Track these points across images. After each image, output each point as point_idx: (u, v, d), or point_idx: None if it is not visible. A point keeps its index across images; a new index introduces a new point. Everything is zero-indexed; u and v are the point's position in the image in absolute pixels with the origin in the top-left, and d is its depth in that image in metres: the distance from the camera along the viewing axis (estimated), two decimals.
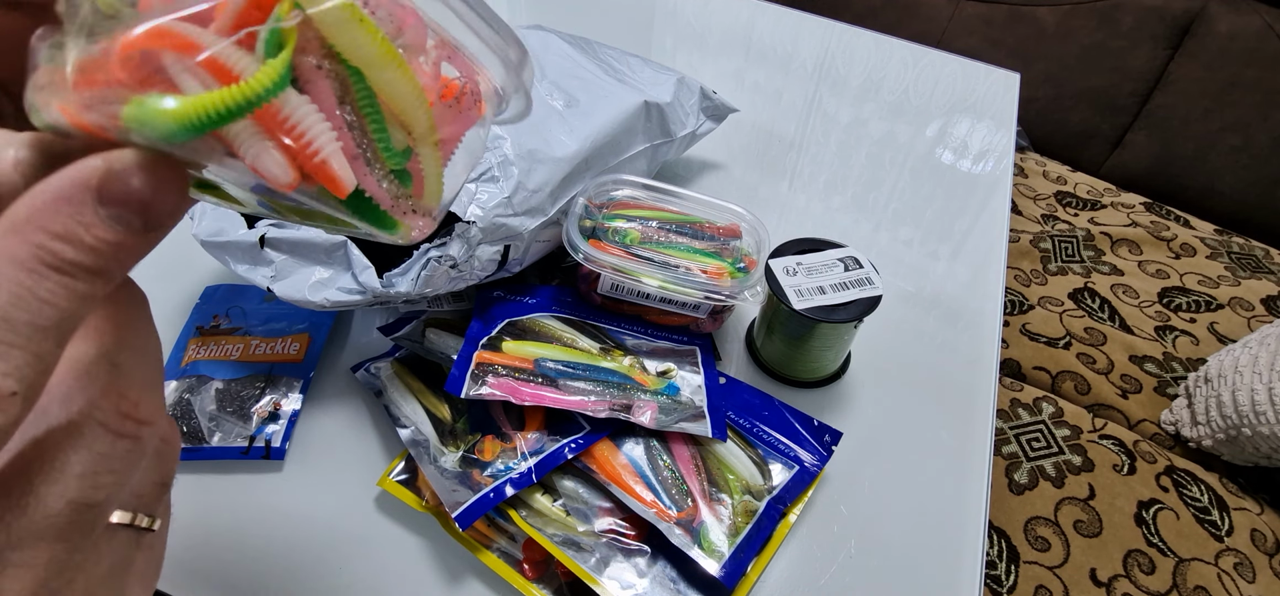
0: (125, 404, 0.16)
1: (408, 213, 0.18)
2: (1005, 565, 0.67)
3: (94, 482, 0.15)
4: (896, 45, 0.93)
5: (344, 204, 0.16)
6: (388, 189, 0.18)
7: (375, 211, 0.18)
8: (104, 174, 0.14)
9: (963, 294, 0.58)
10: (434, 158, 0.19)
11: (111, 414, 0.15)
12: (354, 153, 0.16)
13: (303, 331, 0.47)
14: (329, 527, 0.39)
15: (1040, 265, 1.03)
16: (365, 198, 0.17)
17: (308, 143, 0.15)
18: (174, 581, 0.36)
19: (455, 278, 0.41)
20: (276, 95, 0.14)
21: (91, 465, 0.15)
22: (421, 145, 0.18)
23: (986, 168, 0.73)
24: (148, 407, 0.16)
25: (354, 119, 0.16)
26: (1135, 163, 1.34)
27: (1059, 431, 0.78)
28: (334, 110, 0.16)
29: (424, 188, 0.19)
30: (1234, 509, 0.72)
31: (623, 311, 0.48)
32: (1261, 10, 1.21)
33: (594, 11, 0.93)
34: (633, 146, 0.52)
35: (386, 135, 0.17)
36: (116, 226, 0.14)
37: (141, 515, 0.18)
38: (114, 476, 0.16)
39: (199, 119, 0.13)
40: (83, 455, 0.15)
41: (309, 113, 0.15)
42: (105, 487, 0.16)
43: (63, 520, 0.15)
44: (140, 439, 0.16)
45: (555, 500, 0.39)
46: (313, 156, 0.15)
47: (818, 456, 0.42)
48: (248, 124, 0.14)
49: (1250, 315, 0.92)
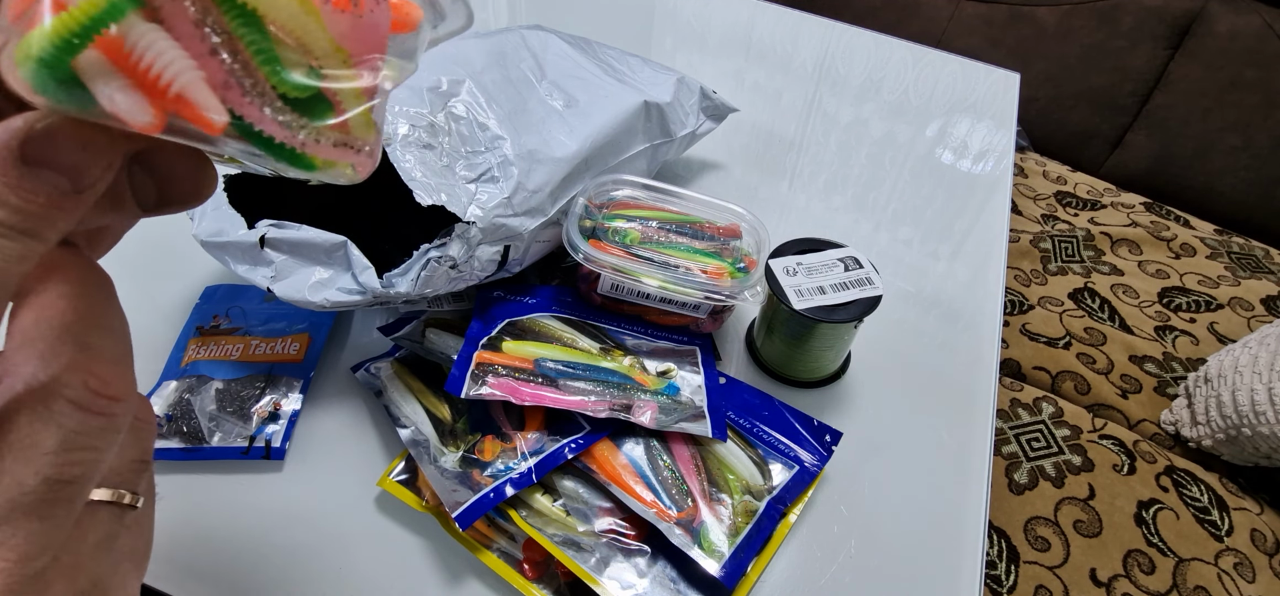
0: (94, 381, 0.16)
1: (333, 148, 0.16)
2: (1005, 565, 0.67)
3: (68, 459, 0.15)
4: (896, 45, 0.93)
5: (259, 144, 0.15)
6: (284, 121, 0.15)
7: (282, 149, 0.15)
8: (25, 135, 0.14)
9: (963, 294, 0.58)
10: (350, 79, 0.16)
11: (81, 390, 0.15)
12: (225, 80, 0.14)
13: (303, 331, 0.47)
14: (329, 527, 0.39)
15: (1040, 265, 1.03)
16: (260, 134, 0.15)
17: (157, 74, 0.13)
18: (174, 581, 0.36)
19: (455, 278, 0.41)
20: (111, 21, 0.13)
21: (64, 442, 0.15)
22: (328, 65, 0.16)
23: (986, 168, 0.73)
24: (118, 384, 0.16)
25: (223, 41, 0.14)
26: (1135, 163, 1.34)
27: (1059, 431, 0.78)
28: (193, 34, 0.14)
29: (348, 117, 0.16)
30: (1234, 509, 0.72)
31: (623, 311, 0.48)
32: (1261, 10, 1.21)
33: (594, 11, 0.93)
34: (633, 146, 0.52)
35: (272, 56, 0.15)
36: (43, 186, 0.14)
37: (123, 492, 0.19)
38: (89, 453, 0.16)
39: (42, 55, 0.12)
40: (54, 431, 0.15)
41: (156, 39, 0.13)
42: (80, 464, 0.16)
43: (39, 496, 0.15)
44: (113, 415, 0.16)
45: (555, 500, 0.39)
46: (165, 89, 0.13)
47: (818, 456, 0.42)
48: (97, 59, 0.13)
49: (1250, 315, 0.92)
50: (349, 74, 0.16)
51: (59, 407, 0.15)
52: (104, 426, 0.16)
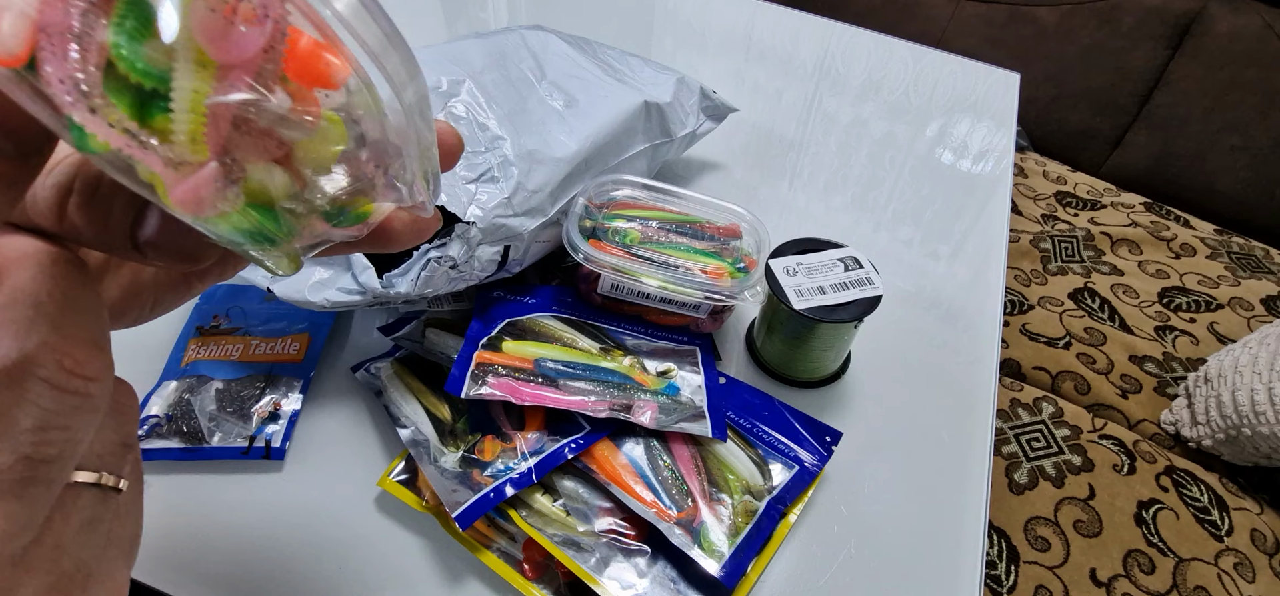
0: (69, 360, 0.16)
1: (158, 157, 0.13)
2: (1005, 565, 0.67)
3: (44, 438, 0.15)
4: (896, 45, 0.93)
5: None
6: (94, 96, 0.12)
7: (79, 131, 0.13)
8: None
9: (963, 294, 0.58)
10: (192, 77, 0.13)
11: (55, 370, 0.15)
12: (60, 24, 0.12)
13: (303, 331, 0.47)
14: (329, 527, 0.39)
15: (1040, 265, 1.03)
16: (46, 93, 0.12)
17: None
18: (174, 581, 0.36)
19: (455, 278, 0.41)
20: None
21: (39, 420, 0.15)
22: (178, 59, 0.13)
23: (986, 168, 0.73)
24: (93, 365, 0.16)
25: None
26: (1135, 163, 1.34)
27: (1059, 431, 0.78)
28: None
29: (174, 125, 0.13)
30: (1234, 509, 0.72)
31: (623, 311, 0.48)
32: (1261, 10, 1.21)
33: (594, 11, 0.93)
34: (633, 146, 0.52)
35: (133, 22, 0.12)
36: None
37: (106, 475, 0.19)
38: (64, 433, 0.16)
39: None
40: (29, 410, 0.15)
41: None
42: (56, 444, 0.16)
43: (14, 475, 0.15)
44: (89, 395, 0.16)
45: (555, 500, 0.39)
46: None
47: (818, 456, 0.42)
48: None
49: (1250, 315, 0.92)
50: (198, 77, 0.13)
51: (33, 386, 0.15)
52: (78, 406, 0.16)
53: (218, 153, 0.13)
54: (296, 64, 0.14)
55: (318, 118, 0.15)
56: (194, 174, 0.13)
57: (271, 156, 0.14)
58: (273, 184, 0.15)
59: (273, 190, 0.15)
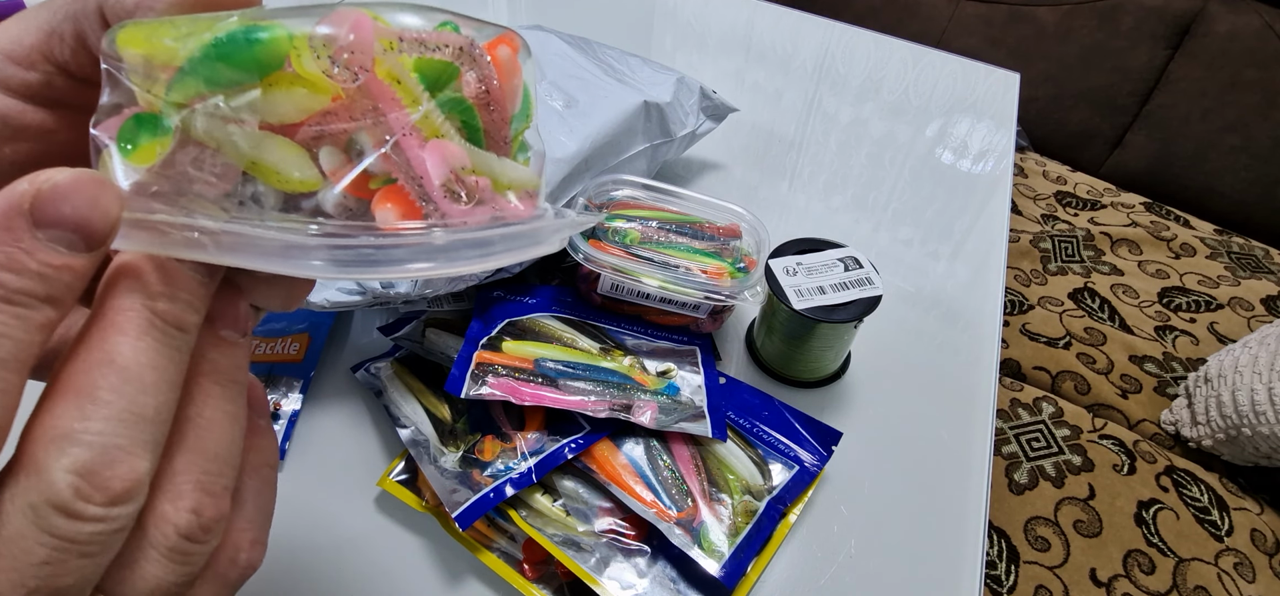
0: (240, 536, 0.18)
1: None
2: (1005, 565, 0.67)
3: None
4: (896, 45, 0.93)
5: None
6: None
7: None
8: (34, 197, 0.13)
9: (963, 294, 0.58)
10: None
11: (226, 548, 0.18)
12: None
13: (303, 331, 0.47)
14: (329, 527, 0.39)
15: (1040, 265, 1.03)
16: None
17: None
18: None
19: (455, 278, 0.41)
20: None
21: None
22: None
23: (986, 168, 0.73)
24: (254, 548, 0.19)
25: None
26: (1135, 163, 1.34)
27: (1059, 431, 0.78)
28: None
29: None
30: (1234, 509, 0.72)
31: (623, 311, 0.48)
32: (1261, 10, 1.21)
33: (594, 11, 0.93)
34: (632, 146, 0.52)
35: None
36: (58, 248, 0.14)
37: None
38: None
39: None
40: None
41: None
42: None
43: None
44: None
45: (555, 500, 0.39)
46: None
47: (818, 456, 0.42)
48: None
49: (1250, 315, 0.92)
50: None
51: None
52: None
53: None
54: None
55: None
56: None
57: None
58: None
59: None
